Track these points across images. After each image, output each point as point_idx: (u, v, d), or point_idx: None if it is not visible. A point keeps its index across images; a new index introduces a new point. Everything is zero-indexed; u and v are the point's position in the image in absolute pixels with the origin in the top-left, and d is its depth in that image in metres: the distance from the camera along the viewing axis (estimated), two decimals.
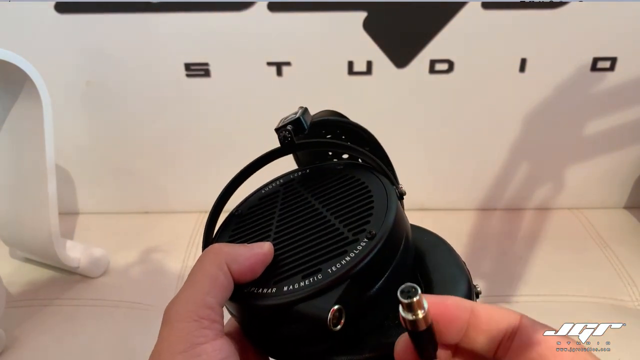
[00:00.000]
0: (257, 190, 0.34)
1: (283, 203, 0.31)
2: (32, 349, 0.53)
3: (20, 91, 0.54)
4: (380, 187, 0.28)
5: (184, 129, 0.71)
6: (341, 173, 0.31)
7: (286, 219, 0.29)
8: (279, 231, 0.28)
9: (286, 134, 0.30)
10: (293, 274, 0.25)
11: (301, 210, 0.29)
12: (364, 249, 0.24)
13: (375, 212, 0.26)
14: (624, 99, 0.68)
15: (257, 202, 0.32)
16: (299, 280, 0.24)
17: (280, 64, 0.66)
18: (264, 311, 0.24)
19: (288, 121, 0.30)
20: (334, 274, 0.24)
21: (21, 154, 0.58)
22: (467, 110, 0.69)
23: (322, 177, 0.32)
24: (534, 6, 0.62)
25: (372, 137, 0.34)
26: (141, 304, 0.59)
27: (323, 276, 0.24)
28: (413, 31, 0.64)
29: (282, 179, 0.34)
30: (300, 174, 0.33)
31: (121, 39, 0.65)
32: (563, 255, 0.65)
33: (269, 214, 0.30)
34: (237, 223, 0.31)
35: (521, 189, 0.74)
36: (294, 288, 0.24)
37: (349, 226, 0.26)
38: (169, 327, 0.22)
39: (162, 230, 0.72)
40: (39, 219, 0.58)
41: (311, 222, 0.28)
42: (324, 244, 0.26)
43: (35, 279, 0.63)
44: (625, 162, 0.73)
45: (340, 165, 0.32)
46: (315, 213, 0.28)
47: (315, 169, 0.33)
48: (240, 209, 0.32)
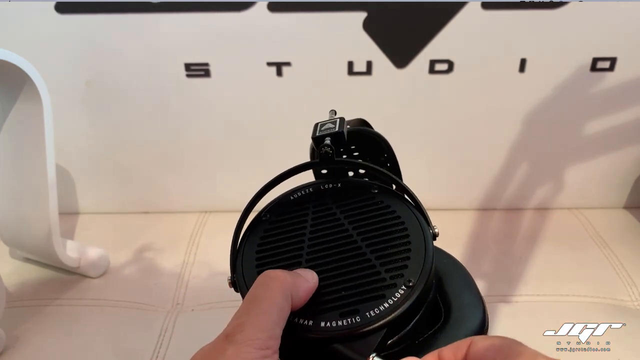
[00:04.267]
0: (285, 195, 0.33)
1: (314, 219, 0.31)
2: (32, 349, 0.53)
3: (20, 91, 0.54)
4: (417, 226, 0.29)
5: (184, 129, 0.71)
6: (376, 200, 0.31)
7: (318, 239, 0.29)
8: (311, 252, 0.28)
9: (328, 150, 0.30)
10: (330, 309, 0.26)
11: (335, 233, 0.29)
12: (402, 297, 0.25)
13: (413, 256, 0.27)
14: (624, 99, 0.68)
15: (286, 210, 0.32)
16: (336, 317, 0.25)
17: (280, 64, 0.66)
18: (302, 343, 0.25)
19: (327, 132, 0.30)
20: (373, 320, 0.25)
21: (21, 154, 0.58)
22: (467, 110, 0.69)
23: (355, 198, 0.31)
24: (534, 6, 0.62)
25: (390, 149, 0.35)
26: (141, 304, 0.59)
27: (361, 319, 0.25)
28: (413, 31, 0.64)
29: (312, 187, 0.33)
30: (332, 187, 0.33)
31: (121, 39, 0.65)
32: (563, 255, 0.65)
33: (299, 229, 0.30)
34: (266, 230, 0.31)
35: (521, 189, 0.74)
36: (332, 326, 0.25)
37: (386, 266, 0.27)
38: (235, 348, 0.22)
39: (162, 230, 0.72)
40: (39, 219, 0.58)
41: (347, 253, 0.28)
42: (362, 282, 0.26)
43: (35, 279, 0.63)
44: (625, 162, 0.73)
45: (374, 189, 0.32)
46: (350, 242, 0.28)
47: (348, 186, 0.33)
48: (268, 214, 0.32)
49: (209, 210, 0.76)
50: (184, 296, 0.60)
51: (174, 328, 0.55)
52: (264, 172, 0.69)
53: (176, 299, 0.59)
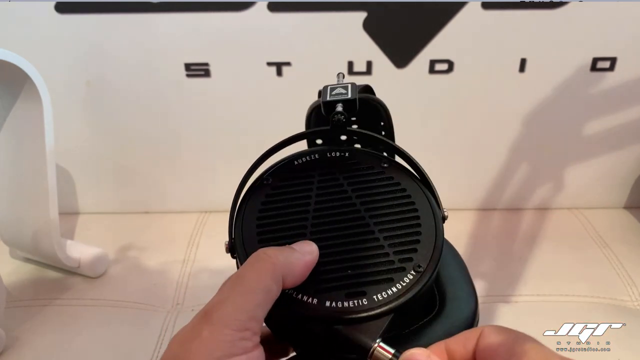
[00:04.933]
0: (289, 159, 0.31)
1: (320, 188, 0.29)
2: (32, 349, 0.53)
3: (20, 91, 0.54)
4: (427, 207, 0.28)
5: (184, 129, 0.71)
6: (386, 175, 0.29)
7: (324, 210, 0.28)
8: (316, 224, 0.27)
9: (340, 117, 0.28)
10: (336, 287, 0.25)
11: (341, 207, 0.28)
12: (411, 282, 0.25)
13: (423, 240, 0.26)
14: (624, 99, 0.68)
15: (290, 176, 0.30)
16: (342, 298, 0.24)
17: (280, 64, 0.66)
18: (305, 321, 0.24)
19: (340, 98, 0.28)
20: (380, 304, 0.24)
21: (21, 154, 0.58)
22: (467, 110, 0.69)
23: (364, 171, 0.30)
24: (534, 6, 0.62)
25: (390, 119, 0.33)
26: (141, 304, 0.59)
27: (369, 303, 0.24)
28: (413, 31, 0.64)
29: (318, 154, 0.31)
30: (339, 156, 0.31)
31: (121, 39, 0.65)
32: (563, 255, 0.65)
33: (303, 198, 0.28)
34: (268, 195, 0.29)
35: (521, 189, 0.74)
36: (337, 306, 0.24)
37: (395, 248, 0.26)
38: (212, 329, 0.21)
39: (162, 230, 0.72)
40: (39, 219, 0.58)
41: (354, 229, 0.27)
42: (369, 262, 0.25)
43: (35, 279, 0.63)
44: (625, 162, 0.73)
45: (384, 162, 0.30)
46: (357, 217, 0.27)
47: (356, 156, 0.31)
48: (270, 177, 0.30)
49: (209, 210, 0.76)
50: (184, 296, 0.60)
51: (174, 328, 0.55)
52: None
53: (176, 299, 0.59)
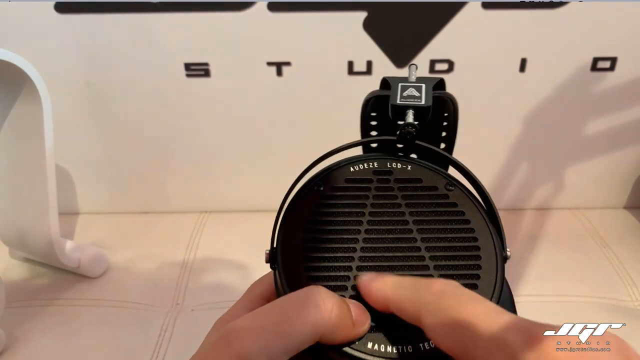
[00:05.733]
0: (344, 163, 0.28)
1: (374, 206, 0.26)
2: (32, 349, 0.53)
3: (20, 91, 0.54)
4: (490, 246, 0.25)
5: (183, 129, 0.71)
6: (450, 201, 0.27)
7: (377, 234, 0.25)
8: (367, 249, 0.25)
9: (411, 130, 0.25)
10: (381, 329, 0.23)
11: (396, 231, 0.25)
12: None
13: (480, 285, 0.24)
14: (624, 99, 0.68)
15: (344, 186, 0.27)
16: (385, 342, 0.22)
17: (280, 64, 0.66)
18: (341, 356, 0.23)
19: (412, 103, 0.25)
20: (424, 356, 0.22)
21: (21, 154, 0.58)
22: (467, 110, 0.69)
23: (426, 191, 0.27)
24: (534, 6, 0.62)
25: (456, 118, 0.30)
26: (141, 304, 0.59)
27: (413, 350, 0.22)
28: (413, 31, 0.64)
29: (376, 162, 0.28)
30: (400, 168, 0.28)
31: (121, 39, 0.65)
32: (563, 255, 0.65)
33: (356, 215, 0.26)
34: (317, 206, 0.26)
35: (521, 189, 0.74)
36: (379, 350, 0.22)
37: None
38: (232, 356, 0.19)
39: (162, 230, 0.72)
40: (39, 219, 0.58)
41: (407, 262, 0.24)
42: None
43: (35, 279, 0.63)
44: (626, 162, 0.73)
45: (450, 185, 0.27)
46: (412, 248, 0.25)
47: (419, 170, 0.28)
48: (322, 183, 0.27)
49: (209, 210, 0.76)
50: (184, 296, 0.60)
51: (174, 328, 0.55)
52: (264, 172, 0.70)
53: (176, 299, 0.59)
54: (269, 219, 0.26)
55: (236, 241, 0.67)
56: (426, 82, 0.27)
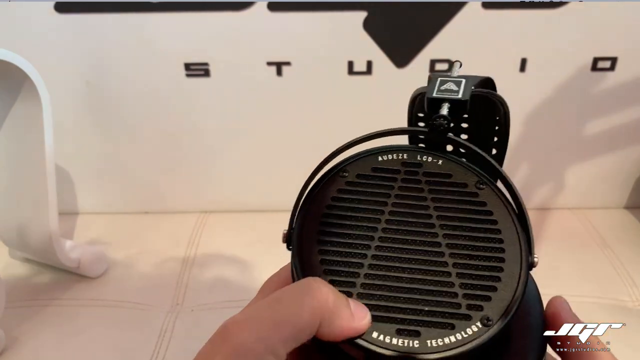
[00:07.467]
0: (373, 152, 0.27)
1: (398, 197, 0.25)
2: (32, 349, 0.53)
3: (20, 91, 0.54)
4: (516, 250, 0.24)
5: (183, 129, 0.71)
6: (479, 199, 0.26)
7: (397, 225, 0.24)
8: (385, 239, 0.24)
9: (443, 122, 0.24)
10: (388, 319, 0.22)
11: (418, 224, 0.25)
12: (473, 335, 0.21)
13: (500, 288, 0.23)
14: (624, 99, 0.68)
15: (369, 174, 0.26)
16: (391, 332, 0.22)
17: (280, 64, 0.66)
18: (344, 345, 0.22)
19: (448, 96, 0.25)
20: (431, 351, 0.21)
21: (21, 154, 0.58)
22: None
23: (454, 187, 0.26)
24: (534, 6, 0.62)
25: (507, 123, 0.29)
26: (141, 304, 0.59)
27: (420, 346, 0.21)
28: (413, 31, 0.64)
29: (406, 154, 0.27)
30: (430, 161, 0.27)
31: (121, 38, 0.65)
32: (563, 255, 0.65)
33: (378, 204, 0.25)
34: (342, 192, 0.26)
35: (521, 189, 0.73)
36: (384, 340, 0.21)
37: (466, 291, 0.22)
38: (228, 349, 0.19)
39: (162, 230, 0.72)
40: (39, 219, 0.58)
41: (426, 256, 0.24)
42: (432, 299, 0.22)
43: (35, 279, 0.63)
44: (626, 162, 0.73)
45: (481, 184, 0.26)
46: (433, 243, 0.24)
47: (450, 165, 0.27)
48: (348, 170, 0.26)
49: (209, 210, 0.76)
50: (184, 296, 0.60)
51: (174, 328, 0.55)
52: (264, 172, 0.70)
53: (176, 299, 0.59)
54: (269, 219, 0.26)
55: (236, 241, 0.67)
56: (467, 78, 0.27)
